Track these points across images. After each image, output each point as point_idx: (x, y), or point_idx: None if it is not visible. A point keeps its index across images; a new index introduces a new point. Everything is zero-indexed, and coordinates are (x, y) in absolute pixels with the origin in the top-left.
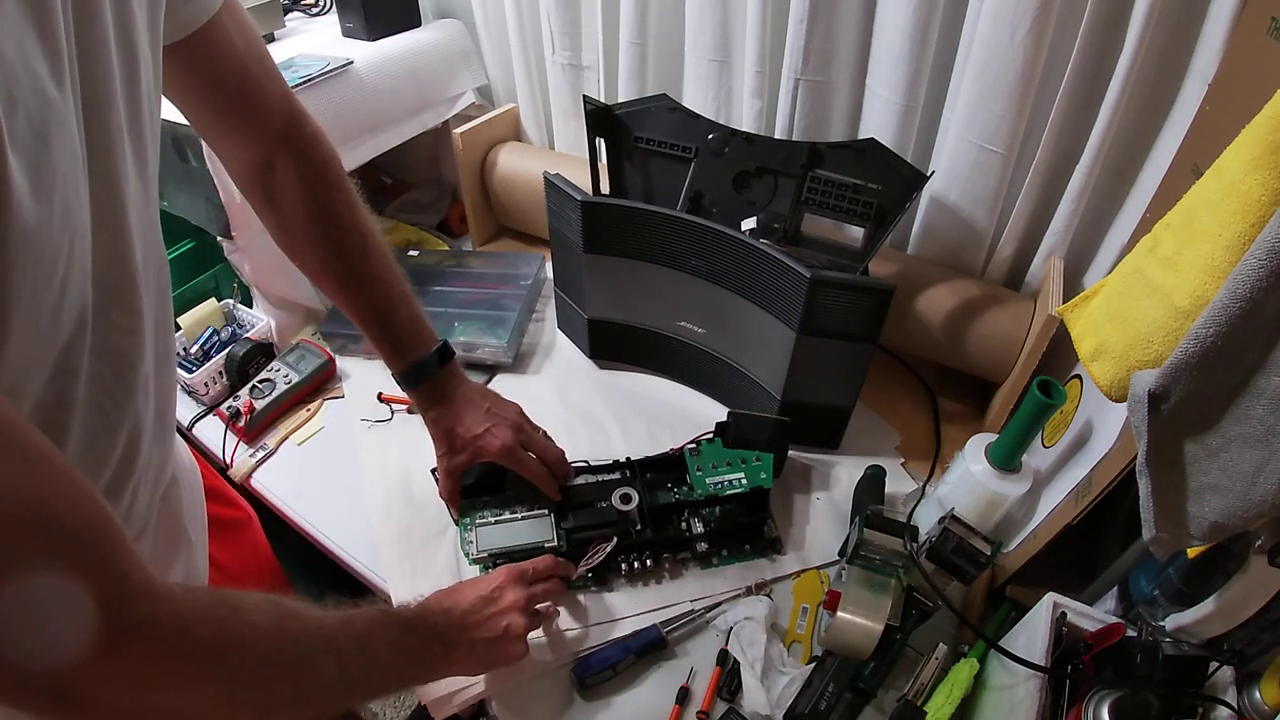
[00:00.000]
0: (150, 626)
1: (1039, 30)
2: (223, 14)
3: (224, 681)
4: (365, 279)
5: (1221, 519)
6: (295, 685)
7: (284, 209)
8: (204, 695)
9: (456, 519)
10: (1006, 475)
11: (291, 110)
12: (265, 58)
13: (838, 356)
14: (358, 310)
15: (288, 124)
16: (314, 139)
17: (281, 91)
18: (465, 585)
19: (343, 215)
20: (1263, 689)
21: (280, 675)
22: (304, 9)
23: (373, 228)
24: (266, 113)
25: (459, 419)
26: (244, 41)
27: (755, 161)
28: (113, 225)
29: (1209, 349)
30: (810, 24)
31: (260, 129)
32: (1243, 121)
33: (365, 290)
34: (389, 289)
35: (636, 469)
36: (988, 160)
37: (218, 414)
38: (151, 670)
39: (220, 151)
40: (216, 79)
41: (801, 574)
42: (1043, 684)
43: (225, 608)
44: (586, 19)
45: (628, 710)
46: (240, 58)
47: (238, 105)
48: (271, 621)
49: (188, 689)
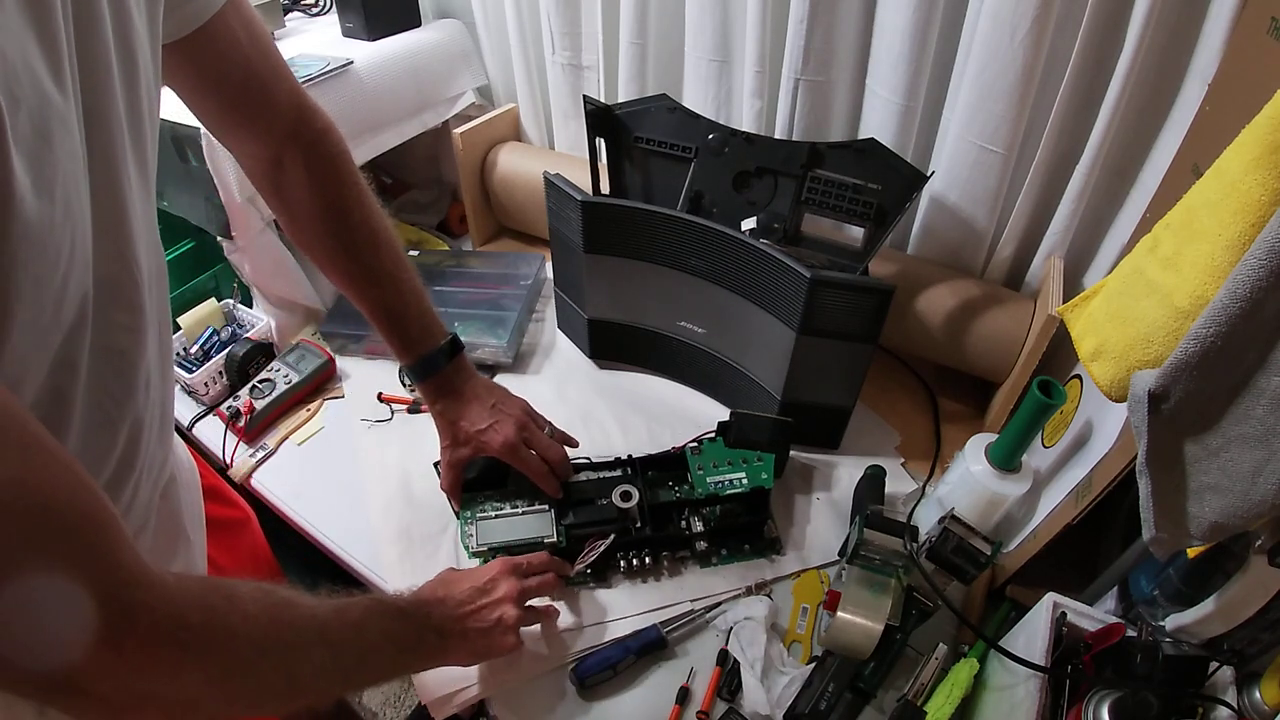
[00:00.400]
0: (145, 615)
1: (1039, 30)
2: (227, 11)
3: (218, 669)
4: (375, 274)
5: (1221, 519)
6: (288, 673)
7: (293, 205)
8: (198, 683)
9: (457, 511)
10: (1006, 475)
11: (300, 105)
12: (272, 53)
13: (838, 356)
14: (367, 305)
15: (296, 119)
16: (323, 134)
17: (289, 87)
18: (460, 576)
19: (351, 211)
20: (1263, 689)
21: (274, 663)
22: (304, 9)
23: (382, 222)
24: (273, 109)
25: (464, 413)
26: (249, 37)
27: (755, 161)
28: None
29: (1209, 349)
30: (810, 24)
31: (267, 125)
32: (1243, 121)
33: (375, 286)
34: (399, 284)
35: (637, 467)
36: (988, 160)
37: (218, 414)
38: (146, 658)
39: (230, 147)
40: (221, 76)
41: (801, 574)
42: (1043, 684)
43: (219, 596)
44: (586, 19)
45: (628, 710)
46: (244, 54)
47: (244, 102)
48: (265, 610)
49: (181, 677)
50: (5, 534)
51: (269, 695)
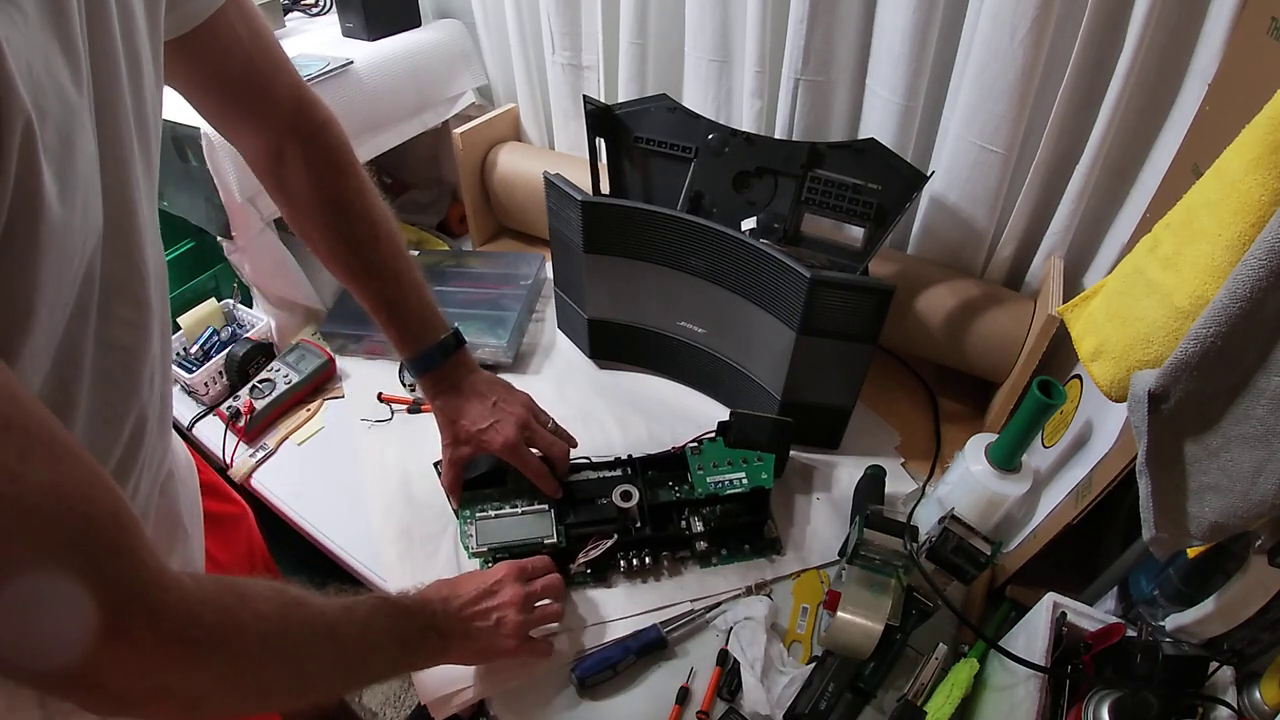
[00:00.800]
0: (162, 612)
1: (1039, 30)
2: (228, 7)
3: (230, 665)
4: (374, 267)
5: (1221, 519)
6: (297, 670)
7: (294, 196)
8: (210, 679)
9: (457, 510)
10: (1006, 475)
11: (300, 98)
12: (273, 47)
13: (838, 356)
14: (367, 297)
15: (296, 112)
16: (324, 126)
17: (290, 80)
18: (466, 577)
19: (352, 203)
20: (1263, 689)
21: (283, 660)
22: (304, 9)
23: (383, 215)
24: (274, 103)
25: (464, 411)
26: (249, 32)
27: (755, 161)
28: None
29: (1209, 349)
30: (810, 24)
31: (268, 119)
32: (1243, 121)
33: (374, 278)
34: (398, 276)
35: (637, 466)
36: (988, 160)
37: (218, 414)
38: (161, 654)
39: (231, 140)
40: (222, 72)
41: (801, 574)
42: (1043, 684)
43: (232, 595)
44: (586, 19)
45: (628, 710)
46: (245, 49)
47: (244, 97)
48: (276, 609)
49: (194, 672)
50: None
51: (278, 691)
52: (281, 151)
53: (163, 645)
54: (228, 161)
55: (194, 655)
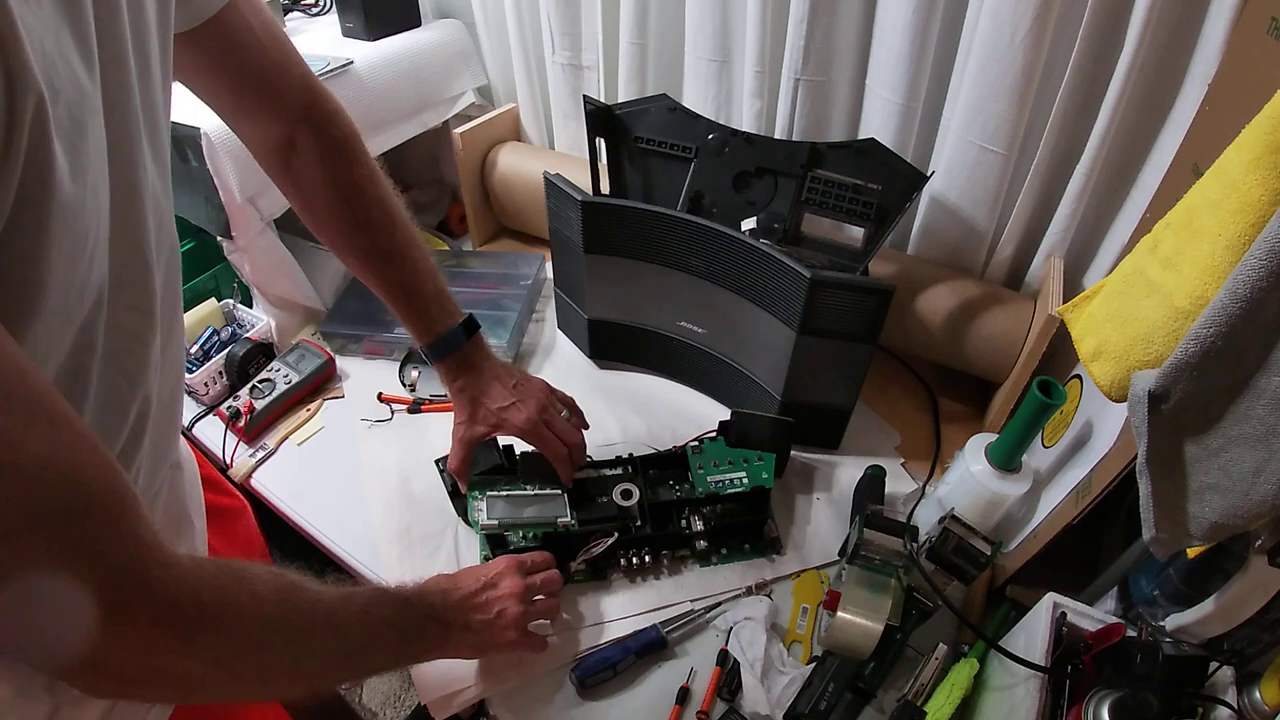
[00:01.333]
0: (160, 591)
1: (1039, 30)
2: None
3: (227, 648)
4: (390, 254)
5: (1221, 519)
6: (295, 655)
7: (306, 187)
8: (206, 661)
9: (464, 492)
10: (1006, 475)
11: (311, 88)
12: (283, 39)
13: (838, 356)
14: (383, 284)
15: (308, 102)
16: (334, 116)
17: (300, 71)
18: (465, 571)
19: (365, 191)
20: (1263, 689)
21: (281, 645)
22: (304, 9)
23: (396, 202)
24: (286, 93)
25: (486, 390)
26: (259, 24)
27: (755, 161)
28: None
29: (1209, 349)
30: (810, 24)
31: (281, 109)
32: (1243, 121)
33: (390, 265)
34: (414, 263)
35: (638, 465)
36: (988, 160)
37: (218, 414)
38: (158, 634)
39: (241, 133)
40: (235, 64)
41: (801, 574)
42: (1043, 684)
43: (230, 577)
44: (586, 19)
45: (628, 710)
46: (258, 41)
47: (257, 88)
48: (275, 593)
49: (191, 654)
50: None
51: (275, 676)
52: (294, 141)
53: (160, 625)
54: (228, 161)
55: (191, 635)
